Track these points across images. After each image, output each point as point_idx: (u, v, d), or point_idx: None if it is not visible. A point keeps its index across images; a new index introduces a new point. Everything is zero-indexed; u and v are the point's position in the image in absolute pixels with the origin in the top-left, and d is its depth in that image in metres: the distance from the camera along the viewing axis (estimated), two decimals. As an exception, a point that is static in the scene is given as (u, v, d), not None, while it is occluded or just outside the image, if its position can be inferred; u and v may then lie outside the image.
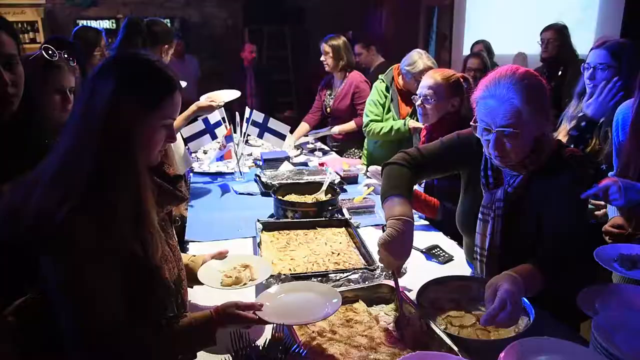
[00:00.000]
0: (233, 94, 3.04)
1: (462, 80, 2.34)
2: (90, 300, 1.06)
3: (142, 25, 2.99)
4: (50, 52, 1.65)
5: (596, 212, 2.03)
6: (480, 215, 1.63)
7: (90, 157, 1.07)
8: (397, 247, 1.43)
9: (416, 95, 2.39)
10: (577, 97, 2.38)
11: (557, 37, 3.70)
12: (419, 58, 3.09)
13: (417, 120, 2.66)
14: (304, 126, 4.14)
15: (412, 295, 1.50)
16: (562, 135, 2.36)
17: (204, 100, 2.81)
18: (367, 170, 2.62)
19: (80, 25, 3.64)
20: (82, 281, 1.05)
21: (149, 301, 1.17)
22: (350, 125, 3.86)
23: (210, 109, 2.78)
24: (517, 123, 1.42)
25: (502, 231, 1.59)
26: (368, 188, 2.55)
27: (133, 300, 1.13)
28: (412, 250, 1.91)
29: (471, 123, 1.54)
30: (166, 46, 3.03)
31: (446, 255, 1.94)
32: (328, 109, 4.03)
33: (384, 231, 1.46)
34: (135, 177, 1.11)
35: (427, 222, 2.30)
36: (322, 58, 3.88)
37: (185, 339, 1.17)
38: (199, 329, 1.18)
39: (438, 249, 1.98)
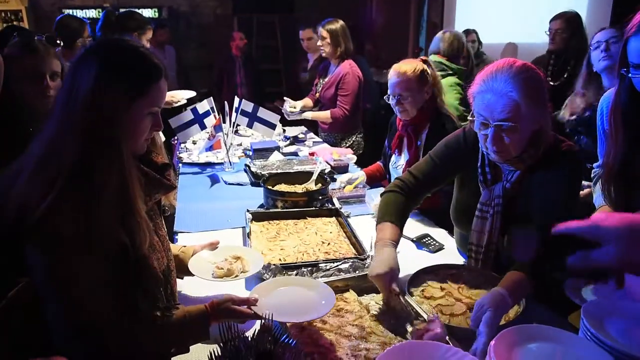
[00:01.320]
0: (189, 94, 3.41)
1: (425, 65, 2.32)
2: (77, 291, 1.03)
3: (112, 18, 3.28)
4: (25, 35, 1.61)
5: (580, 192, 2.01)
6: (477, 212, 1.61)
7: (73, 146, 1.05)
8: (379, 265, 1.42)
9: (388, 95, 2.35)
10: (582, 91, 2.39)
11: (566, 27, 3.37)
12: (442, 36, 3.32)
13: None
14: (307, 100, 4.09)
15: (404, 285, 1.50)
16: (567, 112, 2.47)
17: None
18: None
19: (65, 13, 3.61)
20: (68, 271, 1.03)
21: (137, 291, 1.15)
22: (325, 114, 3.80)
23: (169, 104, 3.20)
24: (516, 117, 1.40)
25: (500, 228, 1.57)
26: (358, 178, 2.53)
27: (122, 290, 1.11)
28: (403, 239, 1.94)
29: (469, 117, 1.52)
30: (136, 34, 3.20)
31: (437, 244, 1.94)
32: (317, 95, 4.00)
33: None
34: (120, 165, 1.09)
35: (416, 211, 2.29)
36: (318, 43, 3.76)
37: (179, 333, 1.16)
38: (193, 323, 1.17)
39: (429, 238, 1.98)
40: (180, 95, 3.24)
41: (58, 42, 1.75)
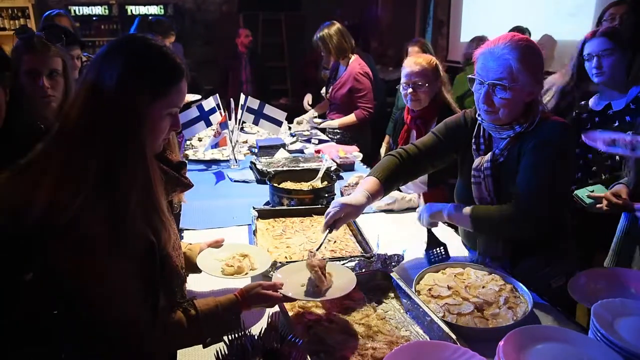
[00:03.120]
0: (194, 97, 3.62)
1: (437, 60, 2.50)
2: (110, 293, 1.03)
3: (145, 23, 3.92)
4: (25, 33, 1.60)
5: (597, 205, 2.05)
6: (472, 179, 1.70)
7: (98, 145, 1.02)
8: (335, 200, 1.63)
9: (401, 84, 2.47)
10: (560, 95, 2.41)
11: (631, 12, 2.95)
12: None
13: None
14: (326, 103, 4.11)
15: (410, 284, 1.49)
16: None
17: None
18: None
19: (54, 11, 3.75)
20: (99, 272, 1.02)
21: (162, 290, 1.14)
22: (351, 118, 3.80)
23: None
24: (509, 78, 1.52)
25: (494, 190, 1.66)
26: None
27: (150, 289, 1.10)
28: (411, 239, 1.92)
29: (469, 76, 1.64)
30: (160, 37, 3.53)
31: (443, 256, 1.85)
32: (327, 95, 3.99)
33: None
34: (144, 164, 1.08)
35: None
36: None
37: (214, 324, 1.17)
38: (226, 312, 1.19)
39: (438, 249, 1.92)
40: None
41: (62, 37, 1.73)
